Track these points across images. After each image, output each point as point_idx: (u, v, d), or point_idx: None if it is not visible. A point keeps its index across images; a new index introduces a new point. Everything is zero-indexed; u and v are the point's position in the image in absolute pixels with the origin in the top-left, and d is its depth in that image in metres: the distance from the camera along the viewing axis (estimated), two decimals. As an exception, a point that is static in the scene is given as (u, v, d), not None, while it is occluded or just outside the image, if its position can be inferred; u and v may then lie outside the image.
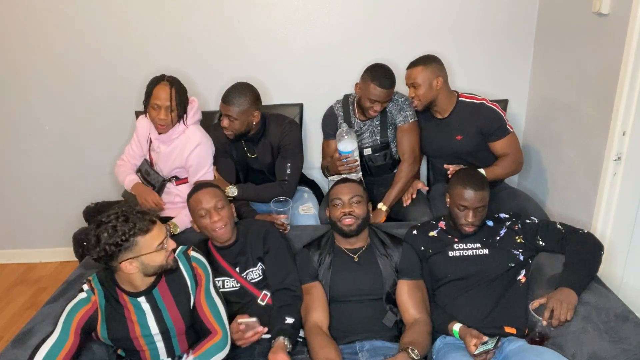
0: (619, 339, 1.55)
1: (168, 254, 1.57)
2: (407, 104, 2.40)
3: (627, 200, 2.12)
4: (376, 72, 2.27)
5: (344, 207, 1.88)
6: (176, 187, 2.39)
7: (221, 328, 1.62)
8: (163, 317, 1.61)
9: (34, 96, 2.86)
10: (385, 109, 2.41)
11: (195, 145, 2.27)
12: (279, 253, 1.91)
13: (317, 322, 1.77)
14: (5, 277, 3.10)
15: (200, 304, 1.64)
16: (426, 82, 2.27)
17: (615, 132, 2.04)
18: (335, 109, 2.50)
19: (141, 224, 1.48)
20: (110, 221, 1.47)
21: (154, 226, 1.52)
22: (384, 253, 1.90)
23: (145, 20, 2.70)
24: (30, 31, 2.72)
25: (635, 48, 1.92)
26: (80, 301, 1.59)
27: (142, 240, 1.49)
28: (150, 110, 2.22)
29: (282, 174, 2.36)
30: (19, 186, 3.06)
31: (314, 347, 1.69)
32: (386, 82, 2.24)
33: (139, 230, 1.48)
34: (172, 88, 2.21)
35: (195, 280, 1.66)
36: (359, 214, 1.87)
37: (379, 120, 2.42)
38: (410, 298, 1.81)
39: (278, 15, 2.73)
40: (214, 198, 1.86)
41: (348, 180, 1.98)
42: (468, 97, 2.38)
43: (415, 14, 2.72)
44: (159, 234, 1.53)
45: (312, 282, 1.86)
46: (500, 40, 2.69)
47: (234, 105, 2.22)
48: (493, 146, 2.37)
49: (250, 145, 2.41)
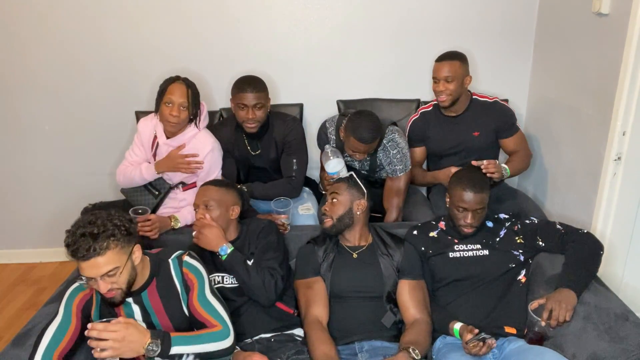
0: (619, 339, 1.55)
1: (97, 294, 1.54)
2: (398, 157, 2.30)
3: (627, 200, 2.12)
4: (359, 124, 2.14)
5: (324, 205, 1.94)
6: (183, 192, 2.33)
7: (221, 323, 1.58)
8: (151, 319, 1.60)
9: (34, 96, 2.86)
10: (376, 156, 2.34)
11: (208, 150, 2.25)
12: (269, 248, 1.89)
13: (317, 317, 1.78)
14: (5, 277, 3.09)
15: (194, 307, 1.61)
16: (459, 78, 2.29)
17: (615, 132, 2.04)
18: (329, 131, 2.38)
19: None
20: (93, 221, 1.44)
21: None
22: (385, 253, 1.90)
23: (146, 21, 2.71)
24: (31, 31, 2.72)
25: (635, 48, 1.92)
26: (79, 286, 1.59)
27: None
28: (163, 107, 2.18)
29: (288, 171, 2.38)
30: (19, 186, 3.06)
31: (314, 341, 1.70)
32: (367, 136, 2.12)
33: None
34: (189, 88, 2.20)
35: (186, 286, 1.63)
36: (332, 213, 1.90)
37: (367, 160, 2.37)
38: (411, 298, 1.81)
39: (278, 16, 2.73)
40: (208, 196, 1.90)
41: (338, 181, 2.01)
42: (480, 96, 2.43)
43: (415, 14, 2.72)
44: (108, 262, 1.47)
45: (314, 277, 1.87)
46: (500, 40, 2.69)
47: (263, 91, 2.27)
48: (505, 143, 2.42)
49: (253, 142, 2.40)
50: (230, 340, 1.56)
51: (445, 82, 2.28)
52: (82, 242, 1.39)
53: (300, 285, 1.88)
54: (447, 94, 2.29)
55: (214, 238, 1.82)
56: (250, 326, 1.81)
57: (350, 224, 1.91)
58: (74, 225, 1.44)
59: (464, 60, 2.31)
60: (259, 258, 1.87)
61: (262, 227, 1.95)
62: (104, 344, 1.38)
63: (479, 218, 1.86)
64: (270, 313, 1.84)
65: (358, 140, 2.13)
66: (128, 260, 1.48)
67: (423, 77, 2.78)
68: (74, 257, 1.41)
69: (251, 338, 1.80)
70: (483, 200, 1.84)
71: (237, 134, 2.40)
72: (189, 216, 2.18)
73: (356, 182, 1.95)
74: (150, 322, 1.60)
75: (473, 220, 1.84)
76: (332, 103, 2.75)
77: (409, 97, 2.76)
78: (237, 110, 2.28)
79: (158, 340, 1.44)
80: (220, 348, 1.54)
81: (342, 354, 1.73)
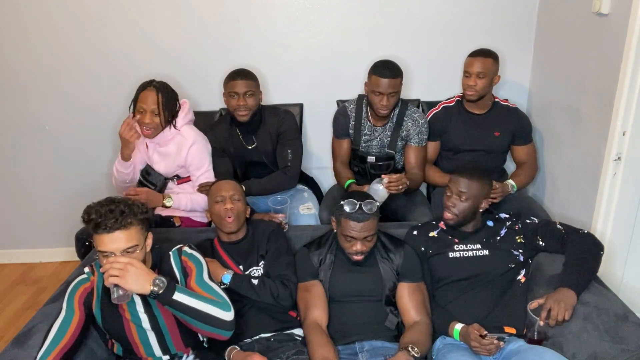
0: (619, 339, 1.55)
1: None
2: (426, 126, 2.41)
3: (627, 200, 2.12)
4: (377, 64, 2.29)
5: (355, 244, 1.79)
6: (178, 185, 2.40)
7: (221, 299, 1.59)
8: (152, 308, 1.62)
9: (34, 96, 2.86)
10: (402, 122, 2.39)
11: (190, 143, 2.31)
12: (280, 253, 1.93)
13: (316, 320, 1.77)
14: (5, 277, 3.09)
15: (192, 289, 1.61)
16: (490, 76, 2.36)
17: (615, 132, 2.04)
18: (349, 109, 2.46)
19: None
20: (118, 201, 1.54)
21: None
22: (385, 257, 1.89)
23: (146, 21, 2.71)
24: (31, 32, 2.72)
25: (635, 48, 1.92)
26: (80, 280, 1.66)
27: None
28: (137, 114, 2.28)
29: (284, 161, 2.41)
30: (19, 186, 3.06)
31: (313, 344, 1.69)
32: (385, 72, 2.24)
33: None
34: (159, 93, 2.26)
35: (185, 273, 1.67)
36: (366, 250, 1.81)
37: (390, 130, 2.42)
38: (410, 300, 1.81)
39: (278, 16, 2.73)
40: (233, 189, 1.94)
41: (363, 217, 1.76)
42: (502, 100, 2.53)
43: (415, 14, 2.72)
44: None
45: (312, 280, 1.86)
46: (500, 40, 2.69)
47: (253, 80, 2.34)
48: (517, 150, 2.51)
49: (247, 136, 2.44)
50: (231, 315, 1.57)
51: (478, 77, 2.34)
52: (109, 215, 1.46)
53: (299, 288, 1.88)
54: (476, 89, 2.35)
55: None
56: (251, 326, 1.82)
57: None
58: (97, 204, 1.51)
59: (496, 58, 2.38)
60: (271, 263, 1.90)
61: (272, 230, 1.99)
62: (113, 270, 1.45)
63: (463, 209, 1.86)
64: (271, 314, 1.84)
65: (379, 77, 2.23)
66: (144, 243, 1.56)
67: (423, 76, 2.79)
68: (97, 230, 1.47)
69: (251, 338, 1.80)
70: (477, 188, 1.86)
71: (232, 129, 2.45)
72: (183, 201, 2.29)
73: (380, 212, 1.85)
74: (152, 313, 1.62)
75: (454, 207, 1.86)
76: (332, 103, 2.75)
77: (409, 97, 2.76)
78: (229, 100, 2.34)
79: (165, 279, 1.51)
80: (220, 317, 1.54)
81: (343, 354, 1.73)
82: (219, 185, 1.97)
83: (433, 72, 2.80)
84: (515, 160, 2.55)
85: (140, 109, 2.25)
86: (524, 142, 2.49)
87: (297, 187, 2.60)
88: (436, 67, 2.80)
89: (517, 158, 2.53)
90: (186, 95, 2.53)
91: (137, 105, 2.26)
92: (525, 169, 2.48)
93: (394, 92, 2.28)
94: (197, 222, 2.40)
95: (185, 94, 2.56)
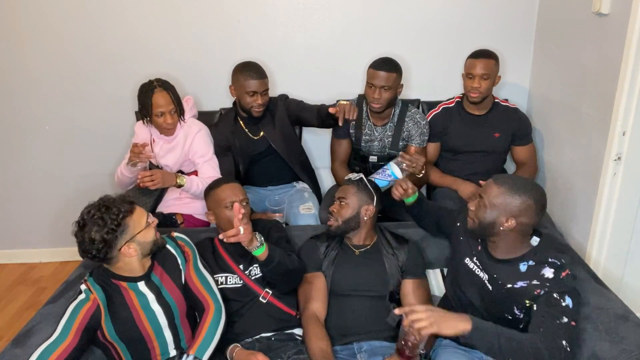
0: (619, 339, 1.55)
1: (156, 230, 1.65)
2: (427, 127, 2.43)
3: (627, 200, 2.12)
4: (376, 59, 2.32)
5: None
6: None
7: (213, 299, 1.70)
8: (163, 295, 1.65)
9: (34, 96, 2.85)
10: (403, 123, 2.40)
11: (196, 131, 2.38)
12: (280, 240, 1.95)
13: (315, 312, 1.79)
14: (5, 277, 3.09)
15: (191, 278, 1.72)
16: (493, 77, 2.37)
17: (615, 132, 2.04)
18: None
19: (123, 206, 1.54)
20: (94, 215, 1.50)
21: (135, 205, 1.59)
22: (391, 253, 1.90)
23: (146, 20, 2.71)
24: (31, 32, 2.72)
25: (635, 48, 1.92)
26: (80, 302, 1.60)
27: (131, 220, 1.55)
28: (155, 118, 2.30)
29: (313, 107, 2.39)
30: (19, 186, 3.06)
31: (310, 336, 1.71)
32: (381, 65, 2.27)
33: (125, 212, 1.53)
34: (169, 92, 2.30)
35: (184, 257, 1.74)
36: (338, 215, 1.90)
37: (392, 131, 2.42)
38: (415, 297, 1.82)
39: (278, 15, 2.73)
40: (243, 194, 1.92)
41: (348, 182, 1.96)
42: (502, 101, 2.52)
43: (415, 14, 2.72)
44: (142, 212, 1.61)
45: (315, 272, 1.88)
46: (500, 40, 2.69)
47: (267, 77, 2.36)
48: (518, 150, 2.51)
49: (253, 128, 2.45)
50: (224, 317, 1.70)
51: (482, 79, 2.34)
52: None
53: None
54: (480, 91, 2.35)
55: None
56: (251, 326, 1.82)
57: (356, 227, 1.91)
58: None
59: (497, 59, 2.39)
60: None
61: (272, 226, 2.01)
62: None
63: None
64: (271, 313, 1.84)
65: (373, 69, 2.27)
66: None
67: (423, 77, 2.79)
68: None
69: (251, 337, 1.80)
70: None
71: (236, 124, 2.46)
72: (195, 181, 2.29)
73: (366, 187, 1.93)
74: (162, 298, 1.65)
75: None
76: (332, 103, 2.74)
77: (409, 97, 2.76)
78: (245, 97, 2.33)
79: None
80: (223, 326, 1.67)
81: (341, 354, 1.74)
82: (227, 190, 1.91)
83: (433, 72, 2.80)
84: (515, 161, 2.55)
85: (158, 113, 2.28)
86: (524, 142, 2.50)
87: (298, 187, 2.60)
88: (436, 67, 2.80)
89: (517, 158, 2.53)
90: (186, 95, 2.53)
91: (154, 110, 2.27)
92: (525, 170, 2.48)
93: (388, 87, 2.27)
94: (199, 220, 2.40)
95: (185, 94, 2.56)
